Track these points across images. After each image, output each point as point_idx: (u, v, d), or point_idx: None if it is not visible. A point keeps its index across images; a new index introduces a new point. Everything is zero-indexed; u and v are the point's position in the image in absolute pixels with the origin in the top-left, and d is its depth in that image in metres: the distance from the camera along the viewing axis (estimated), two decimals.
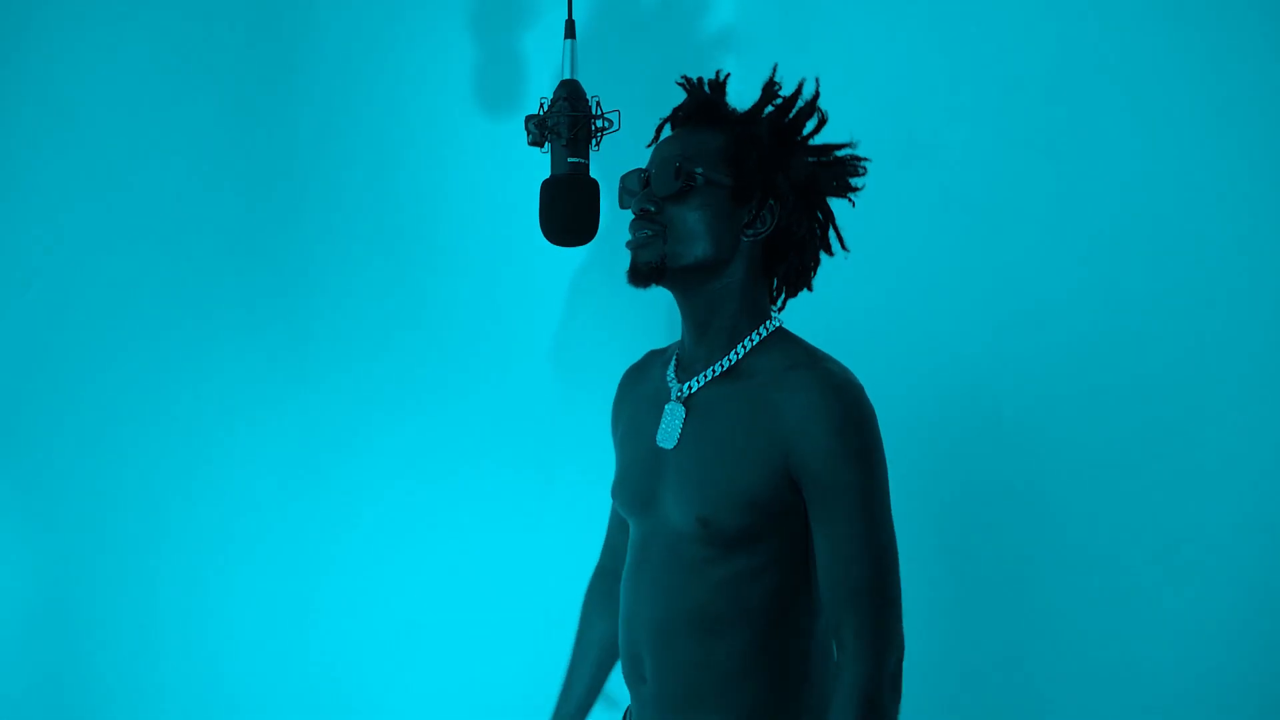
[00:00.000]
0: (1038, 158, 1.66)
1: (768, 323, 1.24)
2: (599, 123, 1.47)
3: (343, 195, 1.89)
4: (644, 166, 1.27)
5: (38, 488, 1.76)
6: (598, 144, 1.47)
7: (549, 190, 1.45)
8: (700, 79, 1.28)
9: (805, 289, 1.29)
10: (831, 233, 1.27)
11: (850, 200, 1.25)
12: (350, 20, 1.87)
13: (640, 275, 1.21)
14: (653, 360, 1.38)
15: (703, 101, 1.26)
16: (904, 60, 1.73)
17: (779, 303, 1.29)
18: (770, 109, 1.24)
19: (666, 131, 1.31)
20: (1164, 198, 1.59)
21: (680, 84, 1.29)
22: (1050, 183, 1.66)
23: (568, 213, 1.44)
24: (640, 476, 1.26)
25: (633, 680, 1.28)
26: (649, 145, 1.31)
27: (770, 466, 1.13)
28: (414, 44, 1.87)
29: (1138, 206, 1.61)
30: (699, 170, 1.19)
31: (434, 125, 1.87)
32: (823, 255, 1.28)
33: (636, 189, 1.25)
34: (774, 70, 1.25)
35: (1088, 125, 1.64)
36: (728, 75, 1.28)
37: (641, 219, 1.22)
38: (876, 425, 1.14)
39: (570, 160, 1.45)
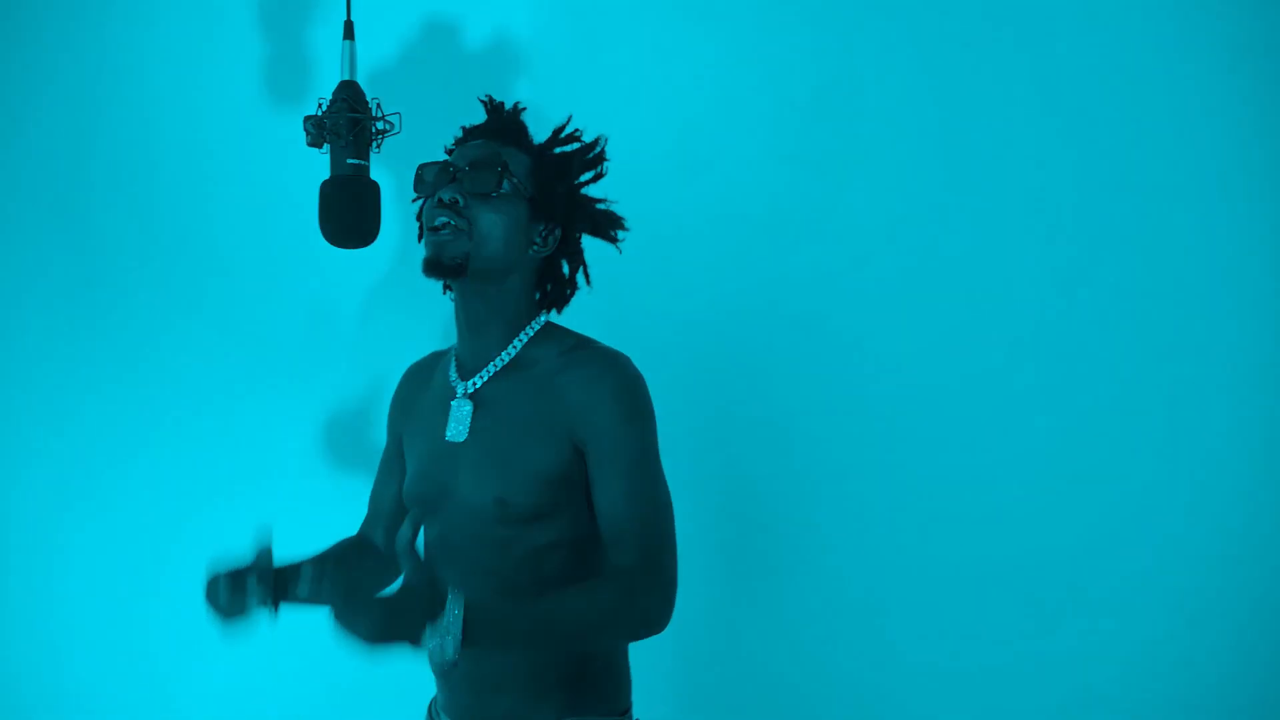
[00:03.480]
0: (808, 165, 1.77)
1: (538, 318, 1.32)
2: (379, 124, 1.48)
3: (124, 197, 1.81)
4: (445, 160, 1.29)
5: None
6: (379, 146, 1.48)
7: (328, 192, 1.44)
8: (501, 102, 1.34)
9: (556, 310, 1.37)
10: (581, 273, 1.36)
11: (618, 249, 1.35)
12: (134, 15, 1.80)
13: (442, 268, 1.22)
14: (434, 362, 1.42)
15: (509, 121, 1.31)
16: (684, 67, 1.80)
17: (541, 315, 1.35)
18: (568, 149, 1.31)
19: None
20: (955, 195, 1.69)
21: (483, 101, 1.34)
22: (818, 188, 1.77)
23: (347, 214, 1.43)
24: (433, 473, 1.30)
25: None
26: (449, 150, 1.33)
27: (558, 443, 1.21)
28: (199, 41, 1.81)
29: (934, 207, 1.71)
30: (515, 179, 1.25)
31: (217, 124, 1.82)
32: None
33: (435, 180, 1.26)
34: (568, 119, 1.32)
35: (876, 127, 1.74)
36: (524, 108, 1.34)
37: (448, 208, 1.23)
38: (647, 392, 1.24)
39: (350, 161, 1.45)
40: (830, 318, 1.74)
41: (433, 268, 1.23)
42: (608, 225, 1.33)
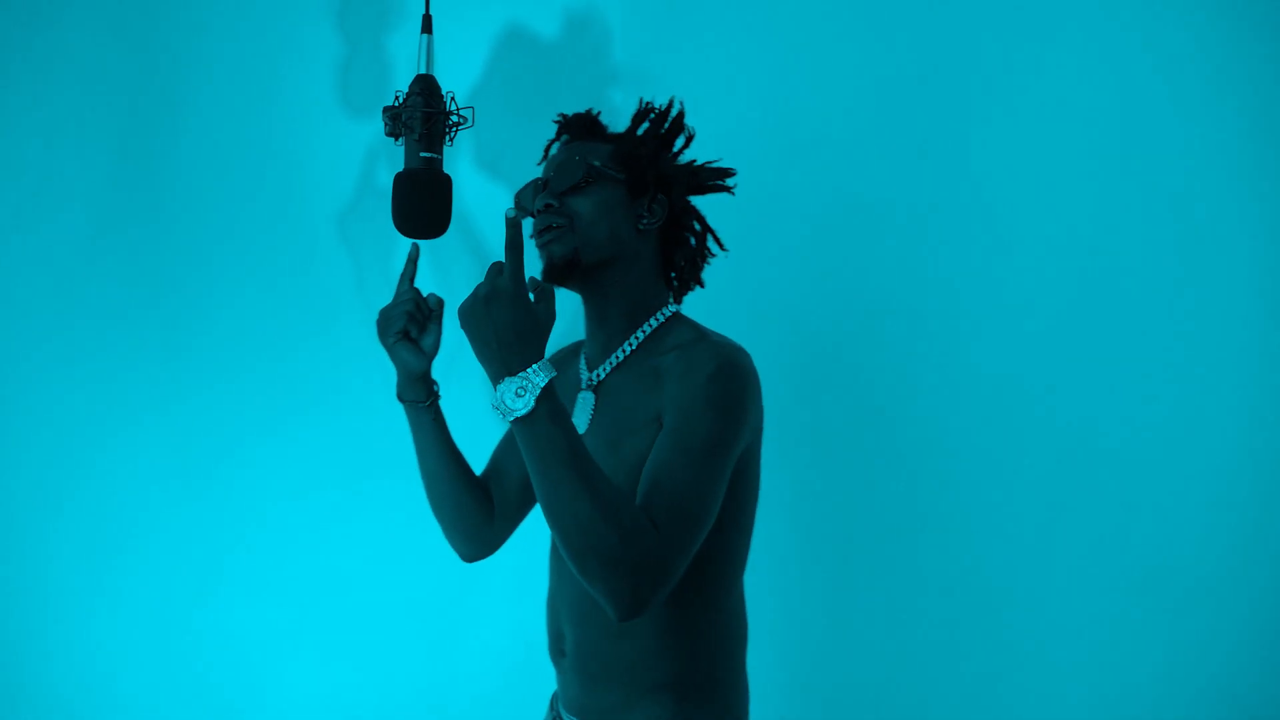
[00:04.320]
0: (912, 154, 1.74)
1: (664, 309, 1.30)
2: (453, 118, 1.48)
3: (207, 197, 1.86)
4: (535, 178, 1.32)
5: None
6: (452, 139, 1.48)
7: (401, 184, 1.45)
8: (578, 113, 1.37)
9: (697, 284, 1.36)
10: (710, 237, 1.36)
11: (730, 191, 1.34)
12: (213, 17, 1.84)
13: (556, 271, 1.25)
14: (570, 354, 1.45)
15: (586, 118, 1.34)
16: (779, 56, 1.78)
17: (676, 297, 1.35)
18: (645, 127, 1.33)
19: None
20: (1042, 195, 1.69)
21: (557, 121, 1.38)
22: (924, 178, 1.74)
23: (418, 206, 1.44)
24: None
25: (554, 655, 1.33)
26: (539, 164, 1.38)
27: (656, 431, 1.17)
28: (276, 39, 1.85)
29: (995, 199, 1.70)
30: (596, 163, 1.27)
31: (297, 121, 1.85)
32: (712, 256, 1.37)
33: (531, 195, 1.30)
34: (641, 102, 1.34)
35: (965, 121, 1.72)
36: (598, 113, 1.37)
37: (545, 214, 1.27)
38: (743, 390, 1.16)
39: (423, 155, 1.46)
40: (933, 309, 1.72)
41: (549, 273, 1.26)
42: (712, 178, 1.31)
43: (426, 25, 1.51)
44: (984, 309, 1.72)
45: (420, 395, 1.35)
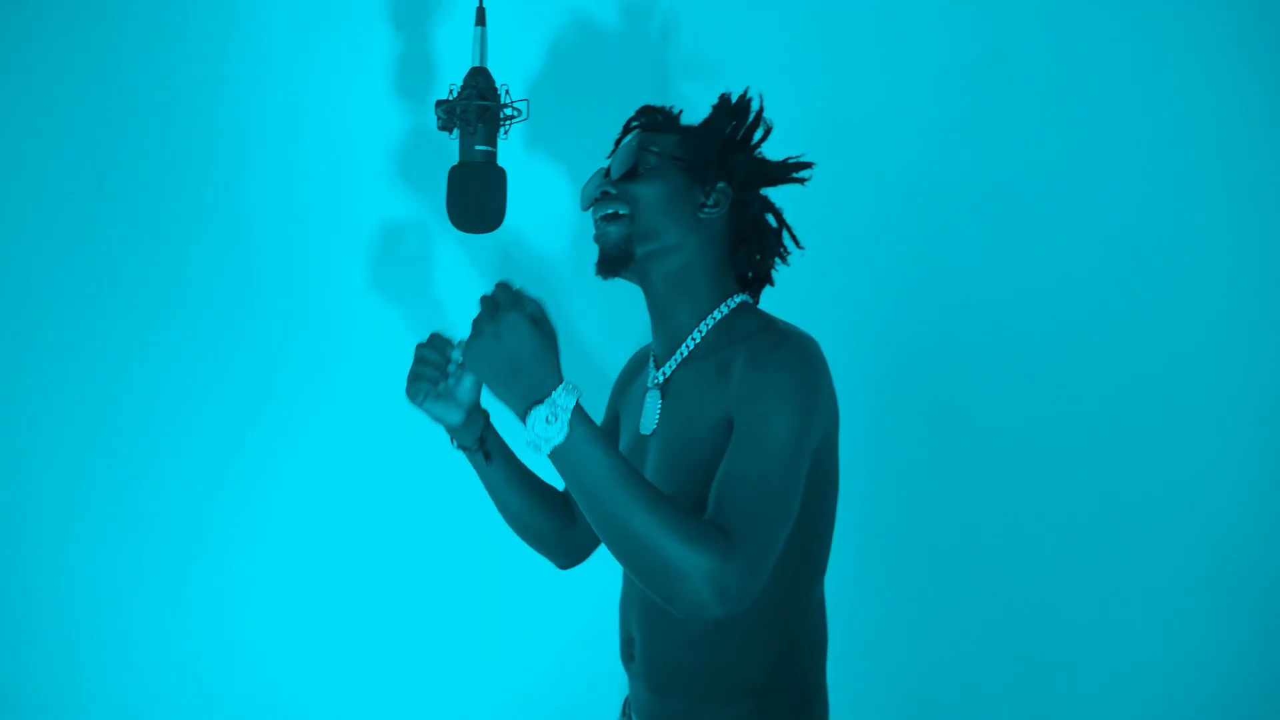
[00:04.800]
0: (982, 147, 1.72)
1: (730, 299, 1.25)
2: (507, 111, 1.48)
3: (254, 192, 1.86)
4: (601, 166, 1.31)
5: None
6: (506, 132, 1.48)
7: (456, 177, 1.45)
8: (658, 106, 1.34)
9: (766, 283, 1.31)
10: (785, 233, 1.31)
11: (801, 182, 1.29)
12: (263, 9, 1.84)
13: (609, 262, 1.23)
14: (647, 352, 1.40)
15: (659, 111, 1.31)
16: (844, 55, 1.77)
17: (750, 295, 1.32)
18: (719, 118, 1.29)
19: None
20: (1120, 188, 1.67)
21: (639, 110, 1.35)
22: (997, 173, 1.72)
23: (474, 199, 1.44)
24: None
25: (625, 659, 1.30)
26: (608, 157, 1.35)
27: (727, 431, 1.11)
28: (327, 32, 1.85)
29: (1096, 196, 1.68)
30: (654, 149, 1.24)
31: (348, 114, 1.85)
32: (786, 255, 1.33)
33: (595, 183, 1.28)
34: (720, 99, 1.30)
35: (1034, 115, 1.71)
36: (680, 111, 1.33)
37: (602, 202, 1.24)
38: (814, 379, 1.11)
39: (478, 148, 1.45)
40: (1006, 304, 1.71)
41: (602, 264, 1.24)
42: (781, 168, 1.26)
43: (480, 17, 1.50)
44: (1061, 306, 1.71)
45: (467, 442, 1.27)
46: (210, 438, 1.83)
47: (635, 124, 1.34)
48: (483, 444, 1.27)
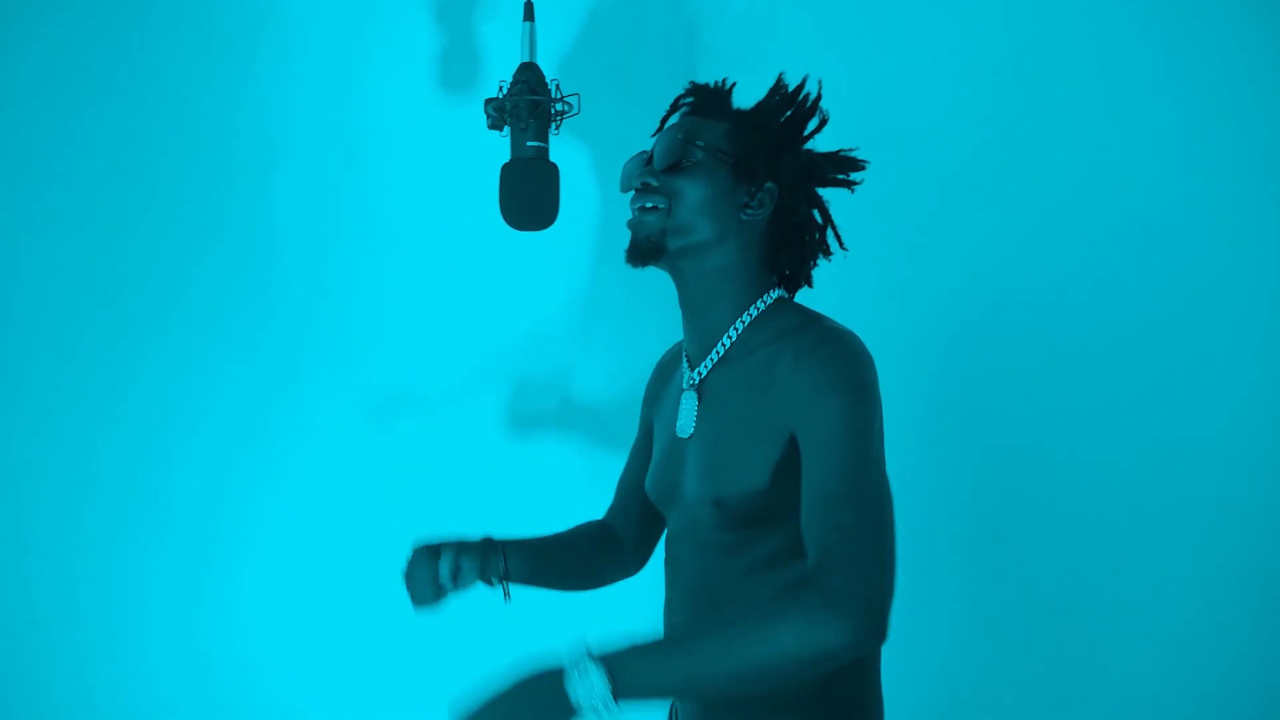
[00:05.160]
0: (1029, 147, 1.69)
1: (767, 295, 1.19)
2: (558, 106, 1.47)
3: (306, 187, 1.86)
4: (644, 150, 1.25)
5: None
6: (557, 127, 1.47)
7: (509, 174, 1.44)
8: (707, 83, 1.27)
9: (805, 284, 1.25)
10: (830, 232, 1.25)
11: (850, 188, 1.23)
12: (309, 8, 1.84)
13: (639, 252, 1.18)
14: (680, 351, 1.35)
15: (707, 93, 1.25)
16: (886, 49, 1.74)
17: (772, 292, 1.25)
18: (773, 105, 1.22)
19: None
20: (1161, 188, 1.61)
21: (688, 87, 1.28)
22: (1040, 172, 1.68)
23: (528, 196, 1.43)
24: (665, 469, 1.24)
25: None
26: (653, 135, 1.29)
27: (774, 436, 1.08)
28: (373, 29, 1.84)
29: (1137, 196, 1.63)
30: (700, 143, 1.17)
31: (395, 112, 1.85)
32: (829, 254, 1.26)
33: (637, 169, 1.22)
34: (780, 76, 1.23)
35: (1082, 114, 1.66)
36: (733, 84, 1.26)
37: (642, 193, 1.19)
38: (869, 375, 1.08)
39: (530, 144, 1.45)
40: (1047, 305, 1.65)
41: (631, 254, 1.18)
42: (831, 170, 1.20)
43: (529, 13, 1.49)
44: (1104, 307, 1.65)
45: (486, 579, 1.26)
46: (236, 437, 1.83)
47: (684, 103, 1.27)
48: (505, 576, 1.26)
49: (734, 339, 1.17)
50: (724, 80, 1.26)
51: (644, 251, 1.17)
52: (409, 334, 1.85)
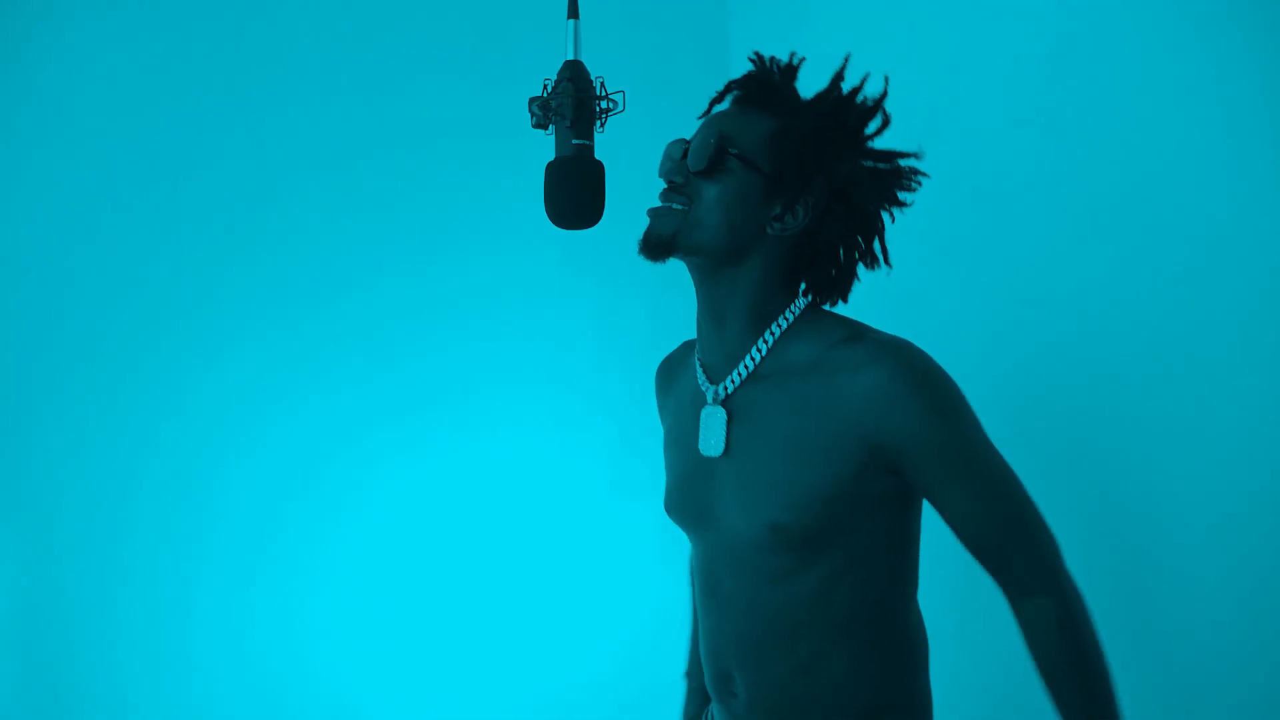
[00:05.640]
0: (1041, 143, 1.64)
1: (792, 306, 1.16)
2: (604, 103, 1.45)
3: (347, 182, 1.86)
4: (687, 137, 1.23)
5: (18, 483, 1.73)
6: (603, 125, 1.45)
7: (553, 173, 1.42)
8: (772, 59, 1.22)
9: (842, 300, 1.21)
10: (876, 245, 1.20)
11: (891, 215, 1.18)
12: (352, 9, 1.84)
13: (649, 246, 1.17)
14: (685, 354, 1.32)
15: (761, 81, 1.20)
16: (903, 46, 1.71)
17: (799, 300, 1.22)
18: (825, 105, 1.17)
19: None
20: (1178, 185, 1.55)
21: (751, 59, 1.23)
22: (1054, 168, 1.64)
23: (572, 195, 1.41)
24: (691, 489, 1.20)
25: (722, 695, 1.22)
26: (700, 117, 1.26)
27: (841, 457, 1.06)
28: (417, 29, 1.84)
29: (1151, 193, 1.58)
30: (735, 151, 1.14)
31: (439, 111, 1.85)
32: (873, 265, 1.22)
33: (677, 157, 1.20)
34: (845, 62, 1.18)
35: (1095, 110, 1.61)
36: (802, 60, 1.21)
37: (669, 190, 1.18)
38: (946, 373, 1.08)
39: (575, 142, 1.42)
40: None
41: (642, 246, 1.17)
42: (875, 193, 1.14)
43: (573, 10, 1.48)
44: (1145, 305, 1.61)
45: None
46: (283, 442, 1.84)
47: (734, 91, 1.23)
48: None
49: (764, 353, 1.13)
50: (791, 57, 1.19)
51: (653, 247, 1.16)
52: (450, 332, 1.85)
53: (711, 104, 1.27)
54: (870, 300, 1.34)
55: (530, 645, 1.87)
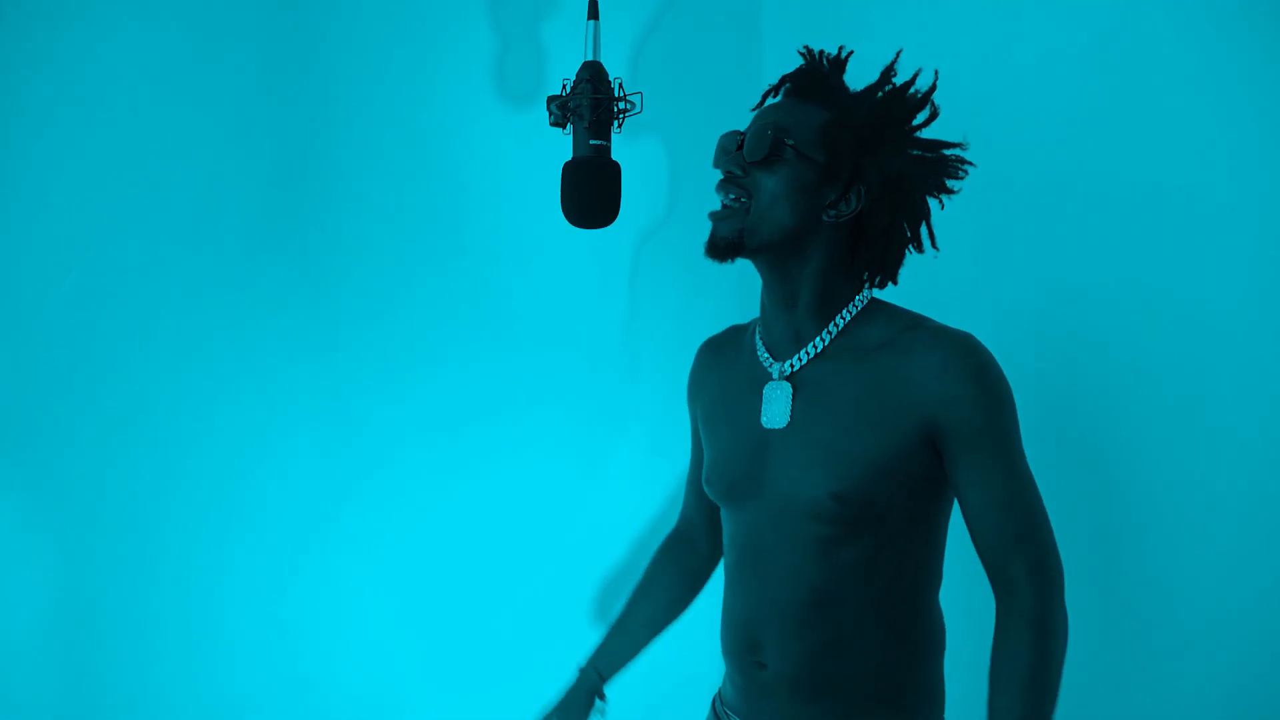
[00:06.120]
0: (1074, 139, 1.63)
1: (861, 294, 1.23)
2: (621, 104, 1.46)
3: (368, 186, 1.87)
4: (741, 130, 1.26)
5: (58, 485, 1.75)
6: (620, 126, 1.45)
7: (570, 172, 1.43)
8: (822, 52, 1.26)
9: (891, 282, 1.27)
10: (924, 230, 1.26)
11: (940, 202, 1.23)
12: (371, 7, 1.85)
13: (717, 250, 1.21)
14: (735, 338, 1.37)
15: (812, 74, 1.25)
16: (961, 40, 1.71)
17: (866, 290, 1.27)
18: (875, 96, 1.22)
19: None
20: (1214, 182, 1.54)
21: (801, 53, 1.28)
22: (1094, 162, 1.63)
23: (589, 195, 1.42)
24: (743, 460, 1.24)
25: (745, 666, 1.26)
26: (753, 110, 1.30)
27: (900, 433, 1.13)
28: (435, 28, 1.85)
29: (1187, 192, 1.57)
30: (791, 142, 1.18)
31: (458, 110, 1.86)
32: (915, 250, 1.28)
33: (732, 149, 1.24)
34: (896, 56, 1.22)
35: (1137, 105, 1.61)
36: (850, 53, 1.26)
37: (728, 182, 1.21)
38: (1005, 376, 1.14)
39: (592, 142, 1.43)
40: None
41: (710, 249, 1.21)
42: (924, 180, 1.20)
43: (593, 11, 1.49)
44: (1174, 304, 1.60)
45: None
46: (318, 448, 1.85)
47: (787, 85, 1.26)
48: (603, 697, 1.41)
49: (834, 334, 1.18)
50: (840, 50, 1.25)
51: (721, 249, 1.20)
52: (469, 332, 1.85)
53: (764, 97, 1.30)
54: (916, 288, 1.35)
55: (563, 654, 1.87)
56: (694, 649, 1.49)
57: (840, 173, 1.18)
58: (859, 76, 1.26)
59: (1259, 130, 1.53)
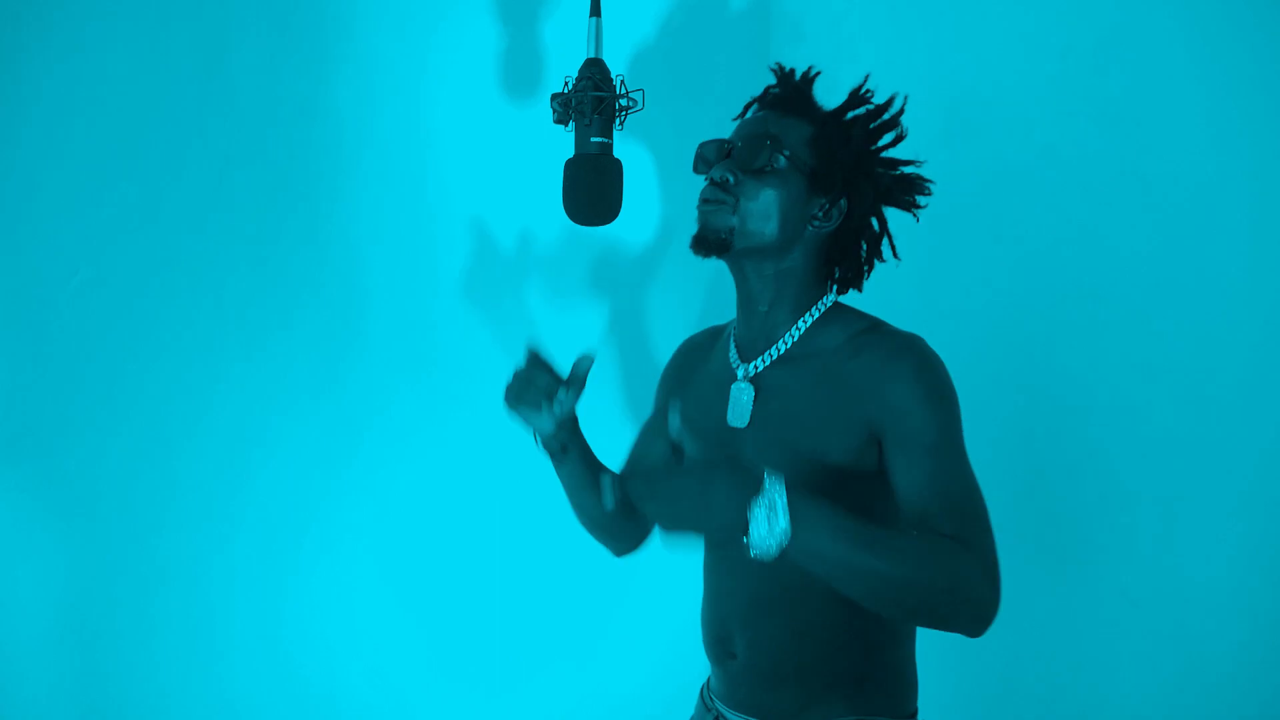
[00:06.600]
0: (1088, 135, 1.63)
1: (824, 299, 1.25)
2: (623, 101, 1.46)
3: (371, 184, 1.87)
4: (724, 138, 1.27)
5: (61, 483, 1.75)
6: (622, 123, 1.46)
7: (572, 169, 1.43)
8: (791, 70, 1.29)
9: (856, 289, 1.29)
10: (885, 242, 1.28)
11: (915, 216, 1.27)
12: (372, 6, 1.86)
13: (706, 244, 1.21)
14: (712, 338, 1.39)
15: (796, 89, 1.27)
16: (944, 35, 1.70)
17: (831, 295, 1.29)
18: (857, 113, 1.24)
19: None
20: (1230, 180, 1.54)
21: (773, 70, 1.30)
22: (1097, 165, 1.63)
23: (591, 192, 1.43)
24: (713, 456, 1.26)
25: (719, 657, 1.30)
26: (734, 119, 1.31)
27: (849, 433, 1.15)
28: (438, 25, 1.85)
29: (1203, 190, 1.56)
30: (786, 153, 1.20)
31: (460, 107, 1.86)
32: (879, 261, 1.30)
33: (714, 158, 1.25)
34: (865, 79, 1.26)
35: (1142, 103, 1.60)
36: (817, 73, 1.28)
37: (717, 187, 1.21)
38: (948, 373, 1.15)
39: (594, 139, 1.44)
40: (1146, 297, 1.59)
41: (698, 243, 1.22)
42: (901, 193, 1.23)
43: (595, 8, 1.49)
44: (1168, 304, 1.59)
45: (553, 446, 1.30)
46: (315, 440, 1.85)
47: (772, 93, 1.28)
48: (565, 450, 1.31)
49: (796, 338, 1.22)
50: (809, 70, 1.27)
51: (711, 244, 1.20)
52: (465, 327, 1.86)
53: (746, 108, 1.32)
54: (894, 295, 1.37)
55: (563, 653, 1.88)
56: (684, 641, 1.49)
57: (830, 185, 1.21)
58: (871, 81, 1.27)
59: (1251, 130, 1.52)
